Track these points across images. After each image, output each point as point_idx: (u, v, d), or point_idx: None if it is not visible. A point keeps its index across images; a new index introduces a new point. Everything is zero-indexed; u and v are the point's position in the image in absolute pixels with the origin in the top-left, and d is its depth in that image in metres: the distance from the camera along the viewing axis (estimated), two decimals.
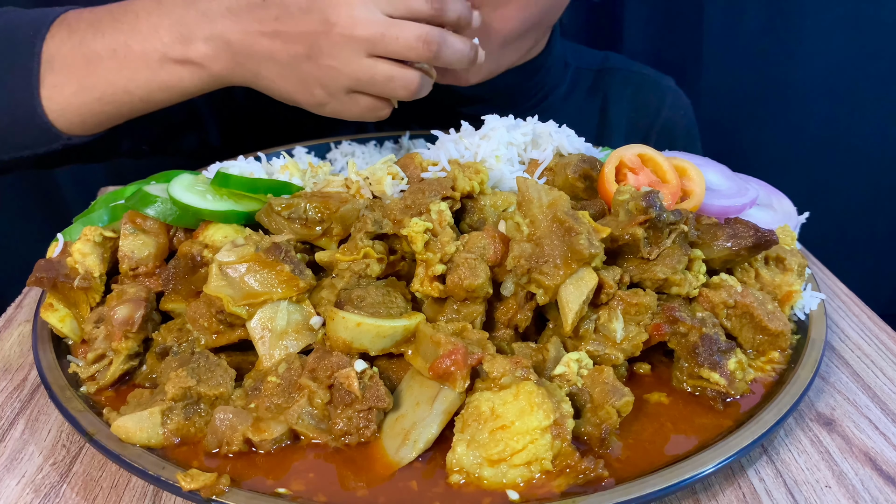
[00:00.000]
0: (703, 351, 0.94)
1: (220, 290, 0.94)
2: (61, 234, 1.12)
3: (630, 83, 1.92)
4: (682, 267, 1.00)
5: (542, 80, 1.78)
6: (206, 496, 0.77)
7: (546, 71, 1.77)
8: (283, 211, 1.05)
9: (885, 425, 0.96)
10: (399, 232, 1.01)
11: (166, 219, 1.08)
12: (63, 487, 0.86)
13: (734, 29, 2.43)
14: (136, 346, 0.99)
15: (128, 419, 0.86)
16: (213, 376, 0.91)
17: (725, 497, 0.85)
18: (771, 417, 0.87)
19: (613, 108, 1.89)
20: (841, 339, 1.16)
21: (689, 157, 1.26)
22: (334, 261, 1.02)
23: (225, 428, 0.85)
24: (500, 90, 1.70)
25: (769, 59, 2.46)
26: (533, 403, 0.81)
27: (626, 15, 2.41)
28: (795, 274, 1.09)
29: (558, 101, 1.84)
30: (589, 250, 0.92)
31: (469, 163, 1.14)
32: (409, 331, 0.92)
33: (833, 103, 2.52)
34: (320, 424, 0.87)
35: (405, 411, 0.87)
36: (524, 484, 0.79)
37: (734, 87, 2.49)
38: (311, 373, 0.88)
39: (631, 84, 1.92)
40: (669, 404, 0.94)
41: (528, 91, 1.77)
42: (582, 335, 0.96)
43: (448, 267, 0.97)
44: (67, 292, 1.05)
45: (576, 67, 1.90)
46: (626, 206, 1.00)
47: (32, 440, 0.94)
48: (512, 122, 1.26)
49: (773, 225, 1.14)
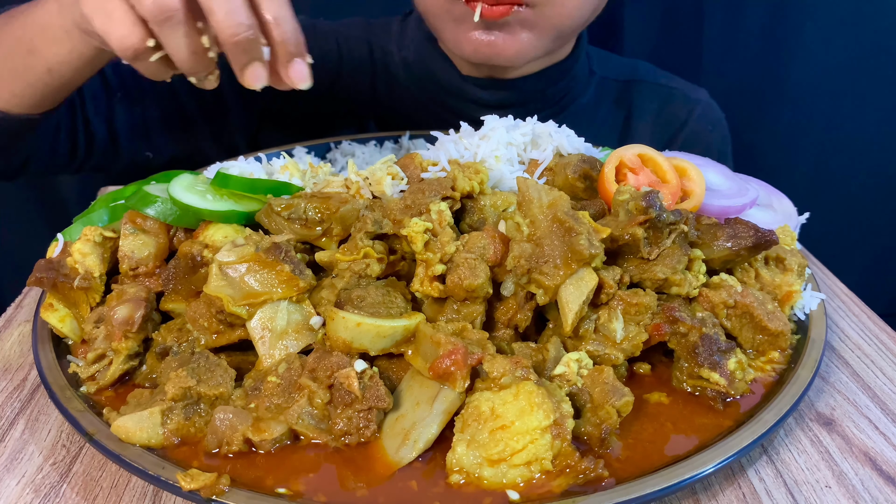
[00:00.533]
0: (703, 351, 0.94)
1: (220, 290, 0.94)
2: (61, 234, 1.12)
3: (657, 96, 1.88)
4: (682, 267, 1.00)
5: (566, 86, 1.76)
6: (206, 496, 0.77)
7: (571, 77, 1.75)
8: (282, 211, 1.05)
9: (885, 425, 0.96)
10: (399, 232, 1.01)
11: (166, 219, 1.08)
12: (63, 487, 0.86)
13: (734, 29, 2.43)
14: (136, 346, 0.99)
15: (128, 419, 0.86)
16: (213, 376, 0.91)
17: (725, 497, 0.85)
18: (771, 417, 0.87)
19: (637, 121, 1.86)
20: (841, 339, 1.16)
21: (689, 157, 1.26)
22: (334, 261, 1.02)
23: (225, 428, 0.85)
24: (524, 96, 1.70)
25: (769, 59, 2.46)
26: (533, 403, 0.81)
27: (626, 15, 2.41)
28: (795, 274, 1.09)
29: (581, 110, 1.81)
30: (589, 250, 0.92)
31: (469, 163, 1.14)
32: (409, 331, 0.92)
33: (833, 103, 2.52)
34: (320, 424, 0.87)
35: (405, 411, 0.87)
36: (524, 484, 0.79)
37: (734, 87, 2.49)
38: (311, 373, 0.88)
39: (658, 97, 1.88)
40: (669, 404, 0.94)
41: (552, 97, 1.75)
42: (582, 335, 0.96)
43: (448, 267, 0.97)
44: (67, 292, 1.05)
45: (602, 77, 1.86)
46: (626, 206, 1.00)
47: (32, 440, 0.94)
48: (511, 123, 1.26)
49: (773, 225, 1.14)
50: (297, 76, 1.01)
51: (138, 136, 1.68)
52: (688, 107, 1.87)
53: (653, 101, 1.88)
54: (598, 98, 1.85)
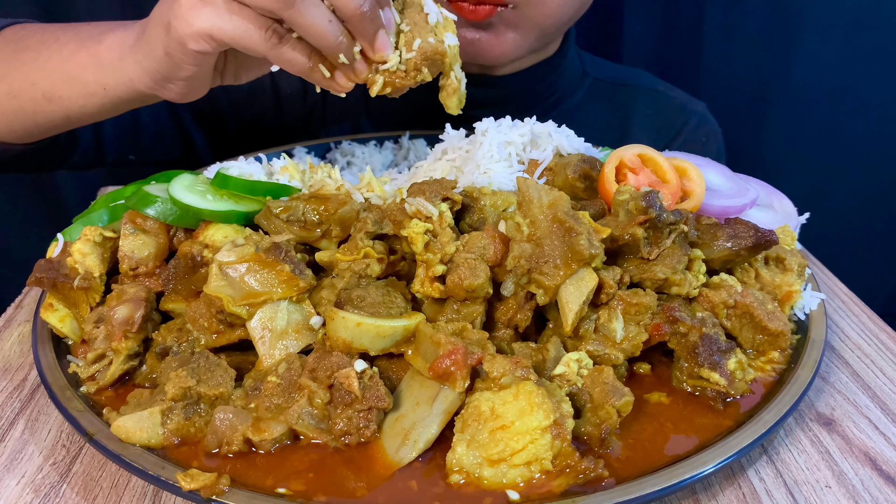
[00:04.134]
0: (703, 351, 0.94)
1: (220, 290, 0.94)
2: (61, 234, 1.12)
3: (654, 102, 1.87)
4: (682, 267, 1.00)
5: (555, 82, 1.76)
6: (206, 496, 0.77)
7: (560, 73, 1.76)
8: (281, 213, 1.05)
9: (885, 425, 0.96)
10: (399, 233, 1.01)
11: (166, 219, 1.08)
12: (63, 487, 0.86)
13: (734, 29, 2.42)
14: (136, 346, 0.99)
15: (128, 419, 0.86)
16: (213, 376, 0.91)
17: (725, 497, 0.85)
18: (771, 417, 0.87)
19: (634, 125, 1.86)
20: (841, 339, 1.16)
21: (688, 157, 1.26)
22: (334, 261, 1.02)
23: (225, 428, 0.85)
24: (513, 93, 1.70)
25: (769, 59, 2.46)
26: (533, 403, 0.81)
27: (626, 15, 2.41)
28: (795, 274, 1.09)
29: (572, 110, 1.82)
30: (589, 251, 0.92)
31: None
32: (409, 331, 0.92)
33: (833, 103, 2.51)
34: (320, 424, 0.87)
35: (405, 411, 0.87)
36: (524, 484, 0.79)
37: (734, 87, 2.49)
38: (311, 373, 0.88)
39: (654, 104, 1.87)
40: (669, 404, 0.94)
41: (541, 94, 1.76)
42: (582, 335, 0.96)
43: (448, 267, 0.97)
44: (67, 292, 1.05)
45: (594, 79, 1.87)
46: (626, 206, 1.00)
47: (32, 440, 0.94)
48: (509, 123, 1.25)
49: (773, 225, 1.14)
50: (382, 46, 1.01)
51: (126, 142, 1.66)
52: (683, 116, 1.87)
53: (649, 106, 1.88)
54: (589, 98, 1.85)
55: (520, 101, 1.73)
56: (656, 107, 1.87)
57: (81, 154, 1.58)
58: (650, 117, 1.86)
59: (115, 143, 1.63)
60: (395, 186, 1.21)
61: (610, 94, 1.87)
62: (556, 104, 1.80)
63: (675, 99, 1.89)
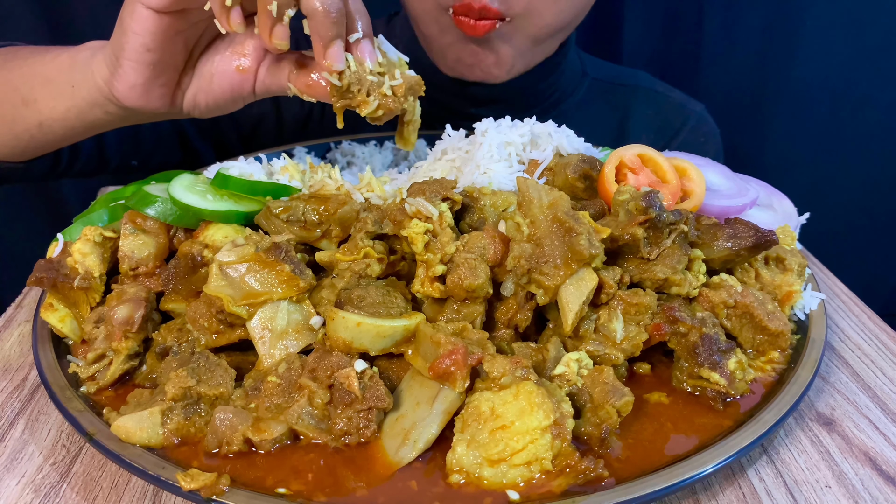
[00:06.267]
0: (703, 351, 0.94)
1: (220, 290, 0.94)
2: (61, 234, 1.12)
3: (653, 102, 1.88)
4: (682, 267, 1.00)
5: (555, 81, 1.76)
6: (206, 496, 0.77)
7: (560, 73, 1.76)
8: (281, 214, 1.05)
9: (885, 425, 0.97)
10: (399, 233, 1.01)
11: (166, 219, 1.08)
12: (63, 487, 0.86)
13: (734, 29, 2.42)
14: (136, 346, 0.99)
15: (128, 419, 0.86)
16: (213, 376, 0.91)
17: (725, 497, 0.85)
18: (771, 417, 0.87)
19: (633, 125, 1.86)
20: (841, 339, 1.16)
21: (688, 157, 1.26)
22: (334, 261, 1.02)
23: (225, 428, 0.85)
24: (513, 92, 1.70)
25: (769, 59, 2.46)
26: (533, 403, 0.81)
27: (626, 15, 2.41)
28: (795, 274, 1.09)
29: (573, 109, 1.82)
30: (589, 251, 0.92)
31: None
32: (409, 331, 0.92)
33: (833, 103, 2.52)
34: (320, 424, 0.87)
35: (405, 411, 0.87)
36: (524, 484, 0.79)
37: (734, 88, 2.49)
38: (311, 373, 0.88)
39: (653, 104, 1.88)
40: (669, 404, 0.94)
41: (542, 93, 1.76)
42: (582, 335, 0.96)
43: (448, 267, 0.97)
44: (67, 292, 1.05)
45: (594, 79, 1.87)
46: (626, 206, 1.00)
47: (32, 440, 0.94)
48: (509, 123, 1.26)
49: (773, 225, 1.14)
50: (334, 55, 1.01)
51: (128, 148, 1.66)
52: (682, 117, 1.88)
53: (648, 106, 1.88)
54: (589, 98, 1.85)
55: (520, 100, 1.73)
56: (655, 107, 1.88)
57: (84, 162, 1.58)
58: (649, 117, 1.87)
59: (117, 149, 1.63)
60: (395, 186, 1.22)
61: (609, 95, 1.88)
62: (556, 104, 1.80)
63: (673, 99, 1.90)
